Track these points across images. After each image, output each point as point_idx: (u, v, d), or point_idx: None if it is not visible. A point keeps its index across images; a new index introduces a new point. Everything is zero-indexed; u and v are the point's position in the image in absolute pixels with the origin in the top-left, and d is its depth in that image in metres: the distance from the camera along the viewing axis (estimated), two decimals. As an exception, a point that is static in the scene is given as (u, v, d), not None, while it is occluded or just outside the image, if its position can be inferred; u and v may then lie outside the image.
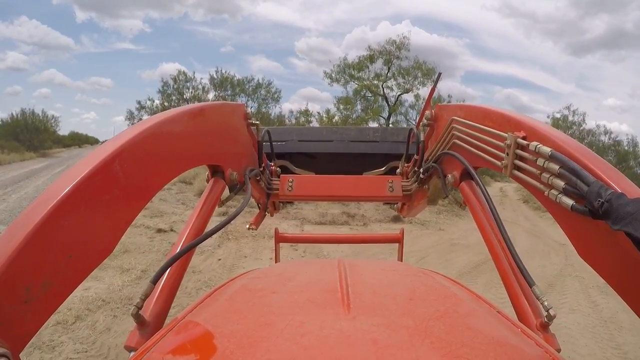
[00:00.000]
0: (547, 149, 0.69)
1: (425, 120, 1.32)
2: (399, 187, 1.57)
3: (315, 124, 20.68)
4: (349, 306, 0.51)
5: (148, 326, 0.66)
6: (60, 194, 0.55)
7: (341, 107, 20.43)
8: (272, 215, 1.84)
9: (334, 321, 0.47)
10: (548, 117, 23.39)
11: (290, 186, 1.57)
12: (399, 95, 21.55)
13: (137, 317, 0.64)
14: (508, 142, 0.80)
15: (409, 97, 22.06)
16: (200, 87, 23.22)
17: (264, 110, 24.63)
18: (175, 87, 22.61)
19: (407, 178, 1.60)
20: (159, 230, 6.98)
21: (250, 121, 1.31)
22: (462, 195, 1.10)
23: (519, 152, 0.78)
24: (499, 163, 0.85)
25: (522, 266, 0.75)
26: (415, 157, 1.44)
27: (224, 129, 1.13)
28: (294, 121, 22.94)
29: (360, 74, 20.90)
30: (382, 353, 0.40)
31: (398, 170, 1.68)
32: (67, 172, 0.60)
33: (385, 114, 20.99)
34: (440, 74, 2.07)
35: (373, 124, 20.67)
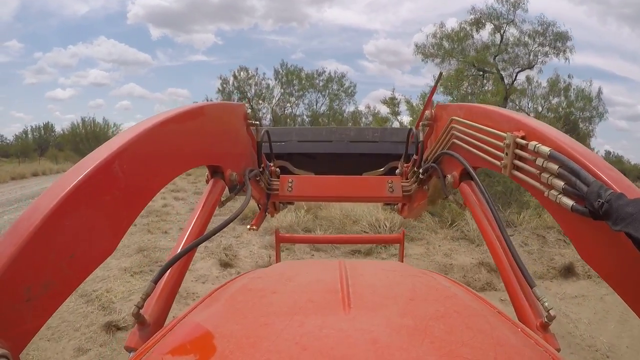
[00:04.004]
0: (546, 149, 0.68)
1: (425, 121, 1.30)
2: (399, 188, 1.54)
3: (404, 116, 15.96)
4: (349, 306, 0.50)
5: (148, 326, 0.66)
6: (60, 194, 0.54)
7: (449, 85, 14.58)
8: (272, 216, 1.80)
9: (334, 321, 0.46)
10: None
11: (290, 187, 1.54)
12: (519, 71, 15.72)
13: (138, 317, 0.64)
14: (507, 141, 0.79)
15: (532, 75, 16.19)
16: (264, 83, 20.62)
17: (336, 106, 21.07)
18: (236, 85, 20.32)
19: (407, 178, 1.57)
20: None
21: (250, 121, 1.29)
22: (462, 196, 1.08)
23: (518, 151, 0.77)
24: (498, 163, 0.84)
25: (522, 267, 0.74)
26: (415, 157, 1.41)
27: (224, 129, 1.11)
28: (370, 118, 19.04)
29: (464, 45, 15.20)
30: (382, 353, 0.39)
31: (397, 171, 1.64)
32: (68, 173, 0.60)
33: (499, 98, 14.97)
34: (441, 73, 2.41)
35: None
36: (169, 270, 0.72)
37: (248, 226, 1.54)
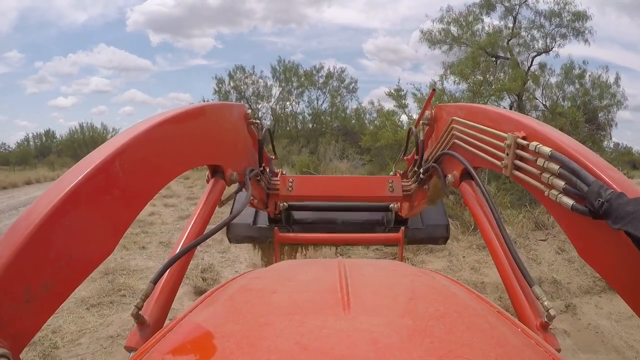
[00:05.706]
0: (547, 149, 0.69)
1: (425, 120, 1.30)
2: (399, 187, 1.55)
3: (412, 107, 14.88)
4: (348, 306, 0.50)
5: (148, 326, 0.66)
6: (60, 193, 0.54)
7: (464, 72, 12.72)
8: (272, 216, 1.82)
9: (334, 321, 0.47)
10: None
11: (290, 186, 1.56)
12: (535, 56, 14.52)
13: (137, 317, 0.64)
14: (508, 142, 0.79)
15: (546, 61, 14.96)
16: (261, 82, 19.77)
17: (338, 103, 20.14)
18: (232, 85, 19.51)
19: (407, 176, 1.59)
20: None
21: (251, 120, 1.30)
22: (462, 196, 1.08)
23: (519, 152, 0.77)
24: (499, 163, 0.84)
25: (522, 266, 0.74)
26: (415, 157, 1.43)
27: (225, 129, 1.12)
28: (375, 114, 18.15)
29: (473, 30, 14.35)
30: (382, 353, 0.39)
31: (392, 172, 1.67)
32: (68, 172, 0.59)
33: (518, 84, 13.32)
34: (434, 90, 1.82)
35: (503, 104, 13.27)
36: (168, 271, 0.72)
37: None
